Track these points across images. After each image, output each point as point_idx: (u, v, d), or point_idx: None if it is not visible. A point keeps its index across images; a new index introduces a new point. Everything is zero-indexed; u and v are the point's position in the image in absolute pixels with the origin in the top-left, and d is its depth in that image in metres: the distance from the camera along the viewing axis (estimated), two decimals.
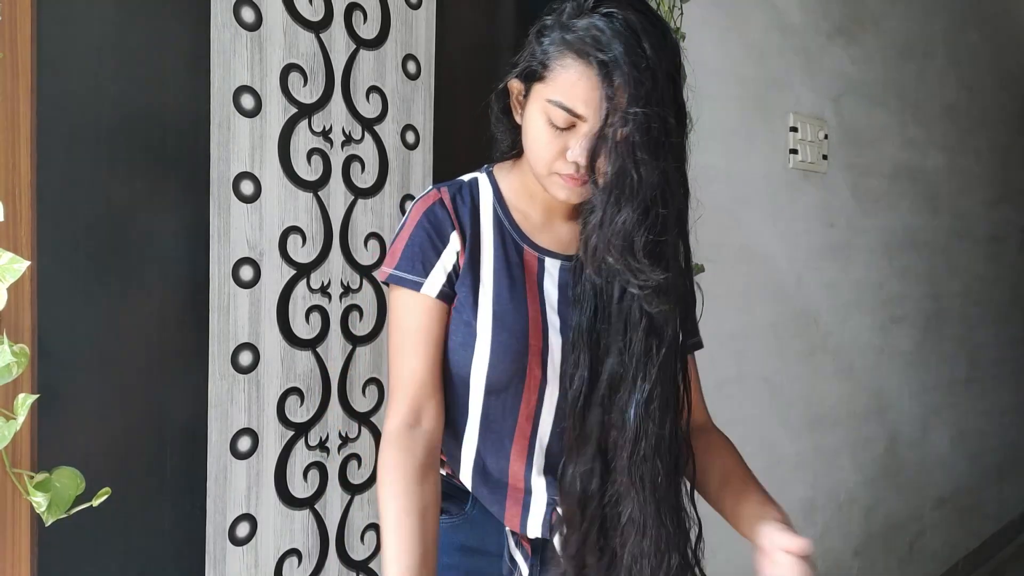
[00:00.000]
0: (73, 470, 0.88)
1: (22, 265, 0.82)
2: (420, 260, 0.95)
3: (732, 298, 1.97)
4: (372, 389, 1.26)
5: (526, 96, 0.93)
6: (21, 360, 0.82)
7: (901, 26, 2.71)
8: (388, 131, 1.28)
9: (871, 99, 2.54)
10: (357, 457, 1.25)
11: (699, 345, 1.11)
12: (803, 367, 2.25)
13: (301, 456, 1.18)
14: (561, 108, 0.87)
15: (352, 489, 1.24)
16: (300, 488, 1.18)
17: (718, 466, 1.08)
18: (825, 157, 2.30)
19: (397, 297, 0.97)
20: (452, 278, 0.95)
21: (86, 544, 0.97)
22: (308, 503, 1.19)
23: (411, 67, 1.31)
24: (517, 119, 0.97)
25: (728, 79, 1.95)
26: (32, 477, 0.86)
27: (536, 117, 0.90)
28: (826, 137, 2.30)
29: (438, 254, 0.95)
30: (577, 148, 0.87)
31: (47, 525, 0.88)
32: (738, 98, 1.99)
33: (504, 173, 1.02)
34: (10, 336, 0.88)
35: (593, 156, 0.86)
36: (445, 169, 1.33)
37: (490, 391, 0.96)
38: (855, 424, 2.48)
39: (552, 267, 0.98)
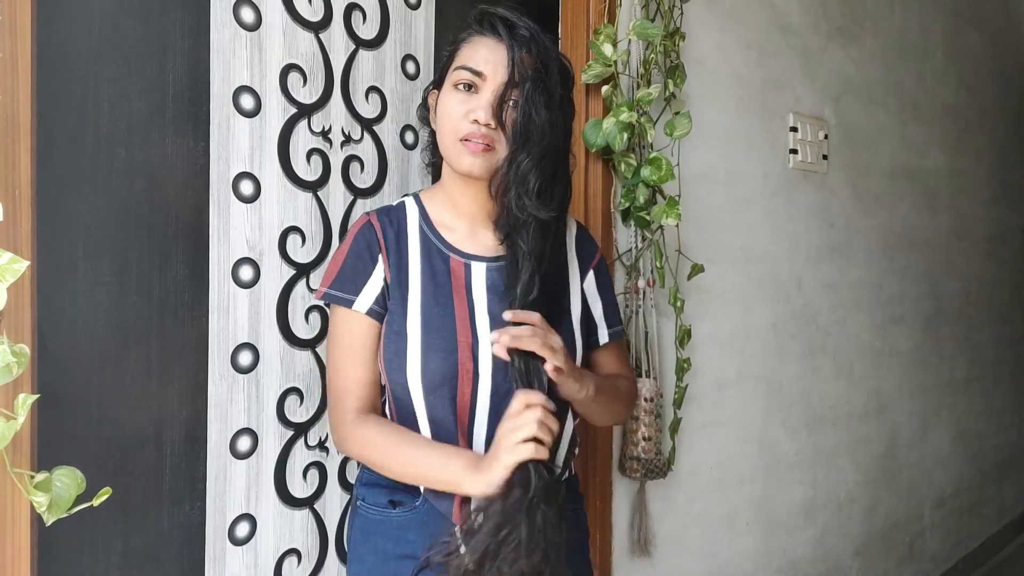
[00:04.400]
0: (73, 470, 0.88)
1: (22, 265, 0.82)
2: (351, 280, 1.06)
3: (732, 298, 1.97)
4: None
5: (439, 95, 1.08)
6: (21, 360, 0.82)
7: (901, 26, 2.71)
8: (387, 131, 1.28)
9: (871, 99, 2.54)
10: None
11: (621, 332, 1.24)
12: (803, 367, 2.24)
13: (301, 456, 1.18)
14: (465, 69, 1.03)
15: (352, 489, 1.24)
16: (300, 488, 1.18)
17: None
18: (825, 157, 2.30)
19: (334, 315, 1.08)
20: (383, 296, 1.06)
21: (86, 544, 0.97)
22: (308, 503, 1.19)
23: (410, 67, 1.31)
24: (433, 125, 1.12)
25: (728, 79, 1.95)
26: (33, 477, 0.86)
27: (446, 91, 1.05)
28: (826, 137, 2.30)
29: (368, 274, 1.06)
30: (477, 105, 1.02)
31: (47, 525, 0.88)
32: (738, 98, 1.99)
33: (430, 194, 1.14)
34: (10, 336, 0.88)
35: (499, 112, 1.00)
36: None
37: (428, 391, 1.03)
38: (855, 424, 2.48)
39: (479, 269, 1.08)
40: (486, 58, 1.02)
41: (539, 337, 0.96)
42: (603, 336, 1.20)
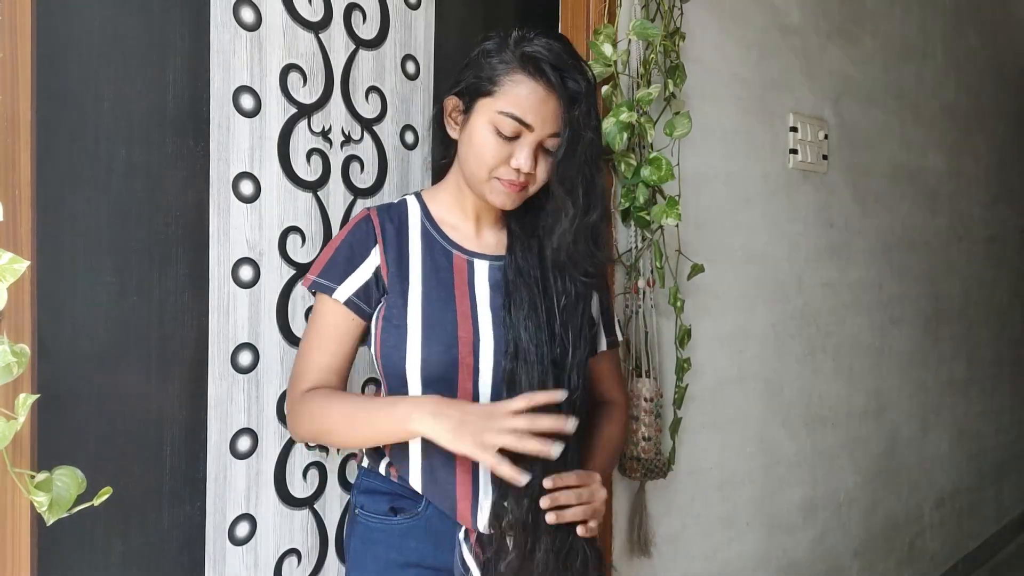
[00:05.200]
0: (74, 469, 0.88)
1: (22, 265, 0.82)
2: (339, 270, 1.05)
3: (732, 298, 1.97)
4: (371, 389, 1.26)
5: (467, 111, 1.04)
6: (21, 360, 0.82)
7: (900, 27, 2.72)
8: (387, 131, 1.28)
9: (871, 99, 2.54)
10: (356, 456, 1.25)
11: (616, 343, 1.26)
12: (803, 367, 2.25)
13: (300, 456, 1.18)
14: (512, 118, 0.99)
15: (351, 489, 1.24)
16: (299, 488, 1.18)
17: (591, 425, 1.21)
18: (825, 157, 2.30)
19: (317, 301, 1.08)
20: (369, 290, 1.05)
21: (86, 544, 0.97)
22: (307, 503, 1.19)
23: (410, 67, 1.31)
24: (451, 133, 1.08)
25: (728, 79, 1.95)
26: (33, 476, 0.86)
27: (482, 128, 1.01)
28: (826, 137, 2.30)
29: (355, 266, 1.06)
30: (521, 156, 1.00)
31: (48, 524, 0.88)
32: (738, 98, 1.99)
33: (433, 194, 1.14)
34: (10, 336, 0.88)
35: (555, 170, 1.01)
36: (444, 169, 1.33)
37: (427, 384, 1.02)
38: (855, 424, 2.48)
39: (481, 267, 1.08)
40: (535, 108, 0.99)
41: (585, 502, 0.99)
42: (602, 344, 1.21)
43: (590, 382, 1.21)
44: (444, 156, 1.15)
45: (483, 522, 1.03)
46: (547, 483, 0.97)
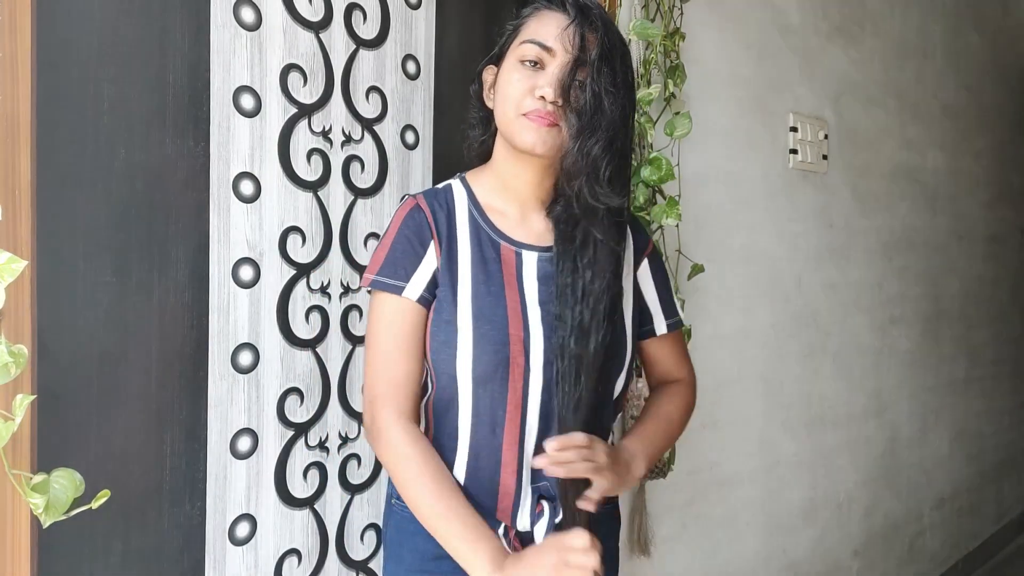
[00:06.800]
0: (72, 472, 0.88)
1: (20, 265, 0.82)
2: (402, 266, 1.01)
3: (732, 298, 1.97)
4: None
5: (499, 68, 1.04)
6: (19, 360, 0.82)
7: (900, 26, 2.72)
8: (388, 131, 1.28)
9: (871, 99, 2.54)
10: (357, 457, 1.25)
11: (680, 323, 1.20)
12: (803, 367, 2.25)
13: (301, 456, 1.18)
14: (532, 43, 0.98)
15: (352, 489, 1.24)
16: (300, 488, 1.18)
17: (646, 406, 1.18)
18: (825, 157, 2.30)
19: (381, 302, 1.02)
20: (434, 283, 1.01)
21: (86, 544, 0.97)
22: (308, 503, 1.19)
23: (411, 67, 1.30)
24: (488, 103, 1.08)
25: (728, 79, 1.95)
26: (31, 478, 0.86)
27: (510, 66, 1.01)
28: (826, 137, 2.30)
29: (419, 259, 1.02)
30: (543, 79, 0.97)
31: (45, 527, 0.87)
32: (738, 98, 1.99)
33: (477, 176, 1.09)
34: (10, 336, 0.87)
35: (565, 90, 0.95)
36: (445, 169, 1.33)
37: (477, 383, 1.00)
38: (854, 424, 2.48)
39: (530, 259, 1.04)
40: (555, 34, 0.97)
41: (587, 460, 0.92)
42: (660, 327, 1.15)
43: (648, 365, 1.19)
44: (484, 134, 1.12)
45: (523, 522, 1.02)
46: (549, 445, 0.92)
